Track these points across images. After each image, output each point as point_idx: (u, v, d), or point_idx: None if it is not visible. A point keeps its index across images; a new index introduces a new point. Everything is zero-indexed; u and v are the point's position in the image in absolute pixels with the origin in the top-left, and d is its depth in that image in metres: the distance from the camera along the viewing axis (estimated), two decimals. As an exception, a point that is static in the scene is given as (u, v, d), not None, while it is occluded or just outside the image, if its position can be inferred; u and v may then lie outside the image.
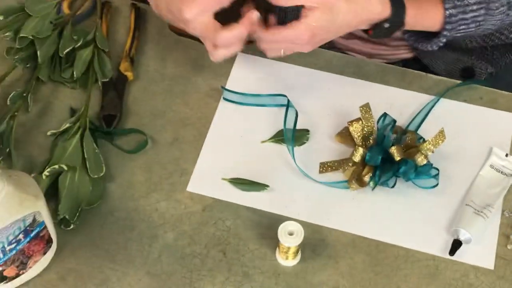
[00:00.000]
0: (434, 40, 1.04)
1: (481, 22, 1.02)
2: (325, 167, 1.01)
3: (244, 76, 1.11)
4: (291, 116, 1.05)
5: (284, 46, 0.97)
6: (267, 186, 1.00)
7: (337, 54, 1.15)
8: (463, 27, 1.02)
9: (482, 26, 1.04)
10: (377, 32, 1.01)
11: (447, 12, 1.00)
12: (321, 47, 1.02)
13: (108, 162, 1.01)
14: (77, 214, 0.96)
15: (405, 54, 1.21)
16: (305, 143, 1.04)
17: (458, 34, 1.04)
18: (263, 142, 1.05)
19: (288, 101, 1.06)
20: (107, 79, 1.08)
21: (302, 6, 0.93)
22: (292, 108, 1.06)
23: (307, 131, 1.05)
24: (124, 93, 1.08)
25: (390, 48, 1.20)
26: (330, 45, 1.24)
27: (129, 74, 1.09)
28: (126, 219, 0.97)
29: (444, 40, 1.04)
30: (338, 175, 1.01)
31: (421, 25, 1.04)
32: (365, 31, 1.02)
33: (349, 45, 1.22)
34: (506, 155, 1.01)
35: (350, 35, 1.21)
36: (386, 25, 0.99)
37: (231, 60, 1.12)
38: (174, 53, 1.13)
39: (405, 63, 1.22)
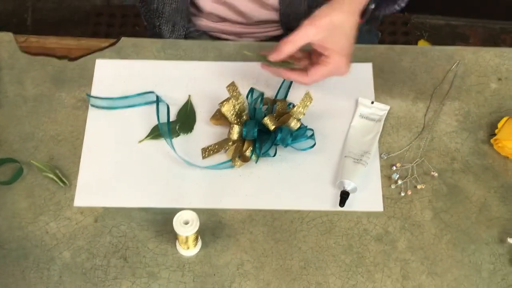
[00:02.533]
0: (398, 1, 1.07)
1: None
2: (207, 151, 1.03)
3: (107, 82, 1.10)
4: (163, 110, 1.05)
5: (320, 73, 1.00)
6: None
7: (196, 42, 1.16)
8: None
9: None
10: (366, 17, 1.02)
11: None
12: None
13: (-14, 197, 0.98)
14: (-35, 256, 0.92)
15: (274, 31, 1.24)
16: (181, 134, 1.05)
17: None
18: (140, 141, 1.04)
19: (157, 96, 1.06)
20: (-33, 114, 1.04)
21: None
22: (162, 103, 1.06)
23: (181, 121, 1.06)
24: (-12, 124, 1.05)
25: (259, 27, 1.23)
26: (204, 31, 1.26)
27: (-11, 104, 1.06)
28: (18, 249, 0.95)
29: None
30: (222, 157, 1.03)
31: None
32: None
33: (219, 28, 1.24)
34: (372, 102, 1.06)
35: (219, 19, 1.22)
36: (372, 6, 1.01)
37: (91, 69, 1.10)
38: (31, 73, 1.10)
39: (276, 39, 1.25)
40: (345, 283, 0.93)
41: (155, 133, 1.04)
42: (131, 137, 1.04)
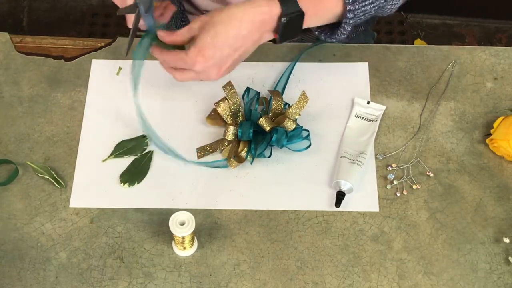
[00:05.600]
0: (338, 30, 0.97)
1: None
2: (202, 151, 1.03)
3: (104, 82, 1.10)
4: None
5: (186, 75, 0.95)
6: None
7: (191, 41, 1.16)
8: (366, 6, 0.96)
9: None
10: (281, 33, 0.93)
11: None
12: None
13: (-18, 198, 0.98)
14: (-39, 257, 0.92)
15: None
16: (178, 134, 1.05)
17: (361, 14, 0.96)
18: (136, 142, 1.04)
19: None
20: (-38, 115, 1.04)
21: None
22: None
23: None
24: (-17, 125, 1.05)
25: None
26: None
27: (-16, 105, 1.06)
28: (13, 250, 0.95)
29: (349, 27, 0.96)
30: (217, 157, 1.03)
31: (323, 8, 0.95)
32: (273, 40, 0.96)
33: None
34: (368, 102, 1.07)
35: None
36: (284, 19, 0.91)
37: (87, 69, 1.10)
38: (26, 74, 1.10)
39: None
40: (341, 283, 0.93)
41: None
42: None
